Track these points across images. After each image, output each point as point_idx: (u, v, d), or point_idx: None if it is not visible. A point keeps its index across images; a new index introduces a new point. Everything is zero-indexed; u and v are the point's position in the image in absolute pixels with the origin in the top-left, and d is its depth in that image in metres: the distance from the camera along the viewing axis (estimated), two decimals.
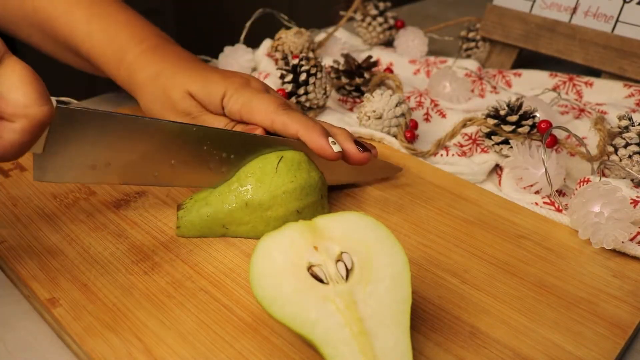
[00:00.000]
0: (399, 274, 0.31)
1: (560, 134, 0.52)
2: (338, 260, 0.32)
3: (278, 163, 0.40)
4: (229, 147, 0.41)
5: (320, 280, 0.31)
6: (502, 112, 0.51)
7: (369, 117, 0.55)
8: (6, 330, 0.35)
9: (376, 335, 0.30)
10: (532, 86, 0.67)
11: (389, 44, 0.79)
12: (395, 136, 0.55)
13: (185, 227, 0.41)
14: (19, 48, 0.62)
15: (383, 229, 0.33)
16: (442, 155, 0.53)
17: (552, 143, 0.50)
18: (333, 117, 0.58)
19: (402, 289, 0.31)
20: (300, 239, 0.32)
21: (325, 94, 0.58)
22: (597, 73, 0.66)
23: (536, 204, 0.47)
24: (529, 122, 0.51)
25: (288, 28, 0.70)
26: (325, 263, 0.32)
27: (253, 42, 0.72)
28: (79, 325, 0.34)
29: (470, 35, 0.75)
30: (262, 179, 0.40)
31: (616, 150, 0.48)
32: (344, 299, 0.30)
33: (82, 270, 0.38)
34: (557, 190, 0.48)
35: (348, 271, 0.31)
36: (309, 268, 0.31)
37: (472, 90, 0.65)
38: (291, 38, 0.68)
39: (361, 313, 0.30)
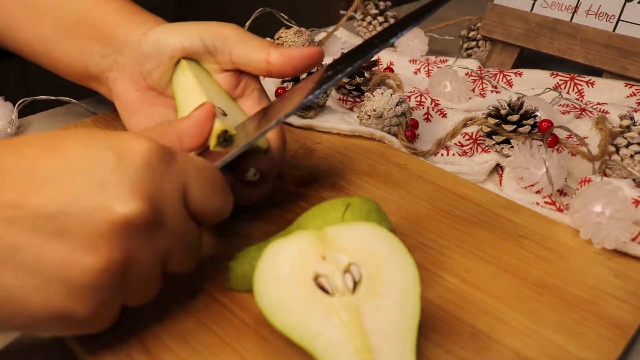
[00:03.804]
0: (409, 289, 0.30)
1: (561, 134, 0.52)
2: (346, 272, 0.31)
3: (344, 212, 0.36)
4: None
5: (326, 292, 0.30)
6: (503, 112, 0.51)
7: (370, 116, 0.54)
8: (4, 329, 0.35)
9: (380, 351, 0.29)
10: (533, 85, 0.66)
11: None
12: (395, 135, 0.55)
13: (236, 278, 0.37)
14: None
15: (395, 242, 0.32)
16: (442, 154, 0.53)
17: (553, 143, 0.50)
18: (333, 117, 0.58)
19: (411, 305, 0.30)
20: (308, 248, 0.31)
21: (325, 92, 0.58)
22: (598, 72, 0.66)
23: (537, 203, 0.47)
24: (530, 121, 0.50)
25: (288, 27, 0.70)
26: (333, 274, 0.31)
27: None
28: None
29: (471, 34, 0.74)
30: None
31: (618, 149, 0.48)
32: (349, 311, 0.30)
33: None
34: (558, 190, 0.48)
35: (355, 283, 0.31)
36: (316, 278, 0.31)
37: (473, 90, 0.64)
38: (291, 37, 0.68)
39: (366, 327, 0.29)
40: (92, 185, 0.29)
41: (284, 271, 0.31)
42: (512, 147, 0.51)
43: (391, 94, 0.54)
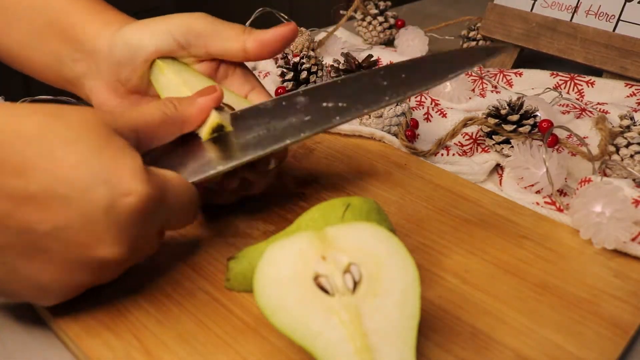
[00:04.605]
0: (408, 288, 0.30)
1: (561, 134, 0.52)
2: (346, 272, 0.31)
3: (344, 212, 0.36)
4: None
5: (327, 292, 0.30)
6: (503, 112, 0.51)
7: (370, 116, 0.54)
8: (5, 330, 0.35)
9: (380, 351, 0.29)
10: (533, 85, 0.66)
11: (389, 43, 0.79)
12: (395, 135, 0.55)
13: (236, 278, 0.37)
14: None
15: (395, 242, 0.32)
16: (442, 154, 0.53)
17: (553, 142, 0.50)
18: None
19: (411, 305, 0.30)
20: (308, 248, 0.31)
21: None
22: (598, 72, 0.66)
23: (537, 203, 0.47)
24: (530, 121, 0.50)
25: None
26: (333, 274, 0.31)
27: None
28: (77, 326, 0.34)
29: (471, 34, 0.74)
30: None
31: (618, 149, 0.48)
32: (349, 311, 0.30)
33: None
34: (558, 190, 0.48)
35: (355, 283, 0.31)
36: (316, 278, 0.31)
37: (473, 90, 0.64)
38: None
39: (366, 327, 0.29)
40: (81, 221, 0.30)
41: (284, 271, 0.31)
42: (512, 147, 0.51)
43: None
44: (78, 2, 0.46)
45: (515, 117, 0.50)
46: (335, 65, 0.61)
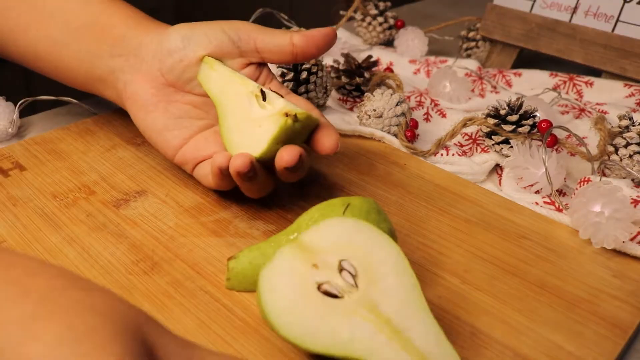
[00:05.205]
0: (398, 263, 0.31)
1: (560, 134, 0.52)
2: (341, 270, 0.31)
3: (344, 212, 0.36)
4: None
5: (335, 296, 0.30)
6: (503, 112, 0.51)
7: (370, 116, 0.55)
8: None
9: (407, 328, 0.30)
10: (533, 86, 0.67)
11: (389, 43, 0.79)
12: (395, 135, 0.55)
13: (236, 278, 0.37)
14: None
15: (364, 225, 0.32)
16: (442, 154, 0.53)
17: (553, 143, 0.50)
18: (333, 116, 0.58)
19: (407, 277, 0.31)
20: (297, 263, 0.31)
21: (325, 93, 0.58)
22: (597, 73, 0.66)
23: (536, 203, 0.47)
24: (529, 121, 0.50)
25: (288, 28, 0.70)
26: (331, 277, 0.31)
27: None
28: None
29: (471, 35, 0.75)
30: None
31: (617, 149, 0.48)
32: (364, 305, 0.30)
33: (82, 271, 0.38)
34: (557, 190, 0.48)
35: (354, 277, 0.31)
36: (319, 287, 0.31)
37: (473, 90, 0.64)
38: None
39: (384, 313, 0.30)
40: None
41: (290, 296, 0.30)
42: (512, 147, 0.51)
43: (391, 94, 0.55)
44: (121, 9, 0.49)
45: (514, 118, 0.51)
46: (335, 65, 0.61)
